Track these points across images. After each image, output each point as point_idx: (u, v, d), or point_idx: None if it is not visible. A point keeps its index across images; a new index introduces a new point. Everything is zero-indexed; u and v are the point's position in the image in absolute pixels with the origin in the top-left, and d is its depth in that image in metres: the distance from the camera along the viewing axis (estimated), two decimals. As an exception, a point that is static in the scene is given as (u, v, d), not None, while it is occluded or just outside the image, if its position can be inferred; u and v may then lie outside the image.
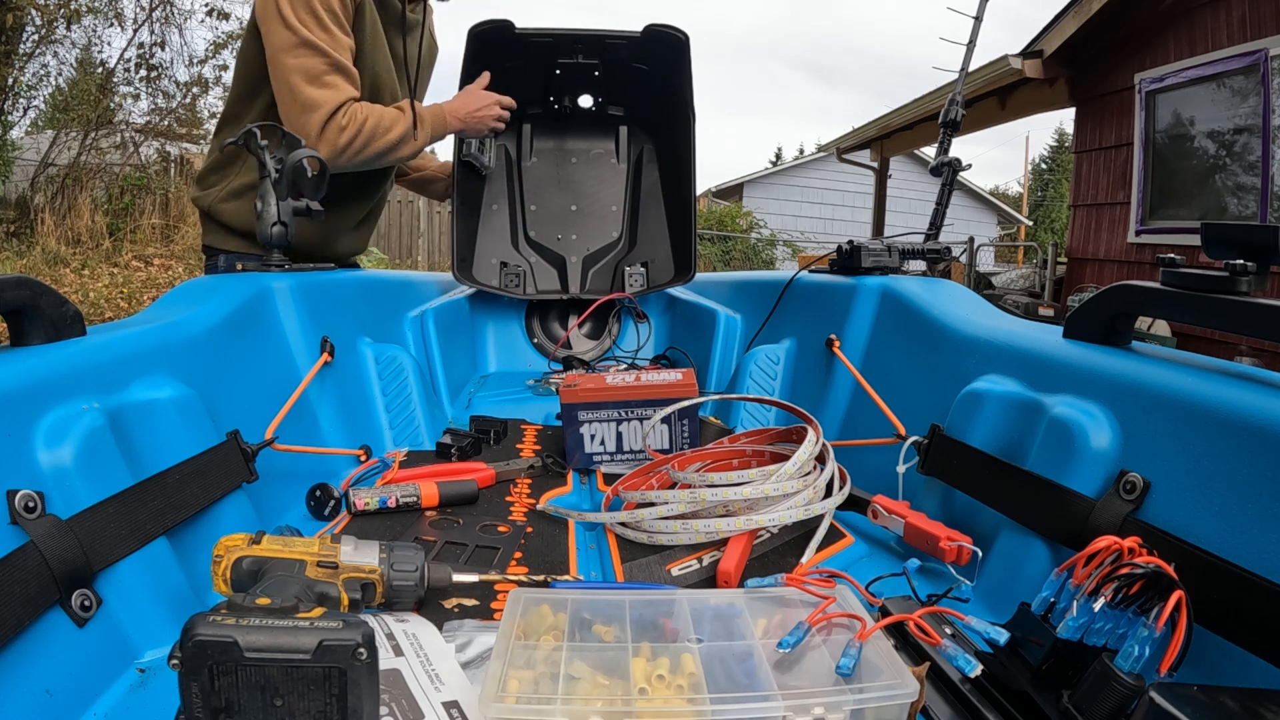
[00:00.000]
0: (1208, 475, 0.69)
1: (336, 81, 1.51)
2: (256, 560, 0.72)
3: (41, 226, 7.55)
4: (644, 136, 2.13)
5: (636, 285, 2.07)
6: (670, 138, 2.03)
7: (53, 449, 0.70)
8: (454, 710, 0.64)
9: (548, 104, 2.07)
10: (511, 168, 2.10)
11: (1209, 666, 0.63)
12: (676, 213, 2.08)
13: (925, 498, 1.04)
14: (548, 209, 2.12)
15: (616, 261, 2.12)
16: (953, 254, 1.83)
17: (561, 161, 2.13)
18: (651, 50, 1.88)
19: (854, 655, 0.63)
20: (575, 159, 2.13)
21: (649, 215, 2.12)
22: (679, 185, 2.04)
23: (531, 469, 1.28)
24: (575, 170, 2.12)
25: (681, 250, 2.04)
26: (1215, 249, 0.79)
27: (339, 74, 1.51)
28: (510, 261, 2.08)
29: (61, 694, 0.63)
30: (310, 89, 1.49)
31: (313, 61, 1.48)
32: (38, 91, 8.34)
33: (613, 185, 2.13)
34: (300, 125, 1.49)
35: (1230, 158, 4.99)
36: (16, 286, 0.77)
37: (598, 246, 2.12)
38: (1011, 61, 6.13)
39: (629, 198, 2.13)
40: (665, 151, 2.09)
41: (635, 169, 2.13)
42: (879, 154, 9.59)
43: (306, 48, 1.48)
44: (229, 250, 1.70)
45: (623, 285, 2.06)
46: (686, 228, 2.01)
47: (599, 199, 2.13)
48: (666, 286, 2.03)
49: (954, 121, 1.61)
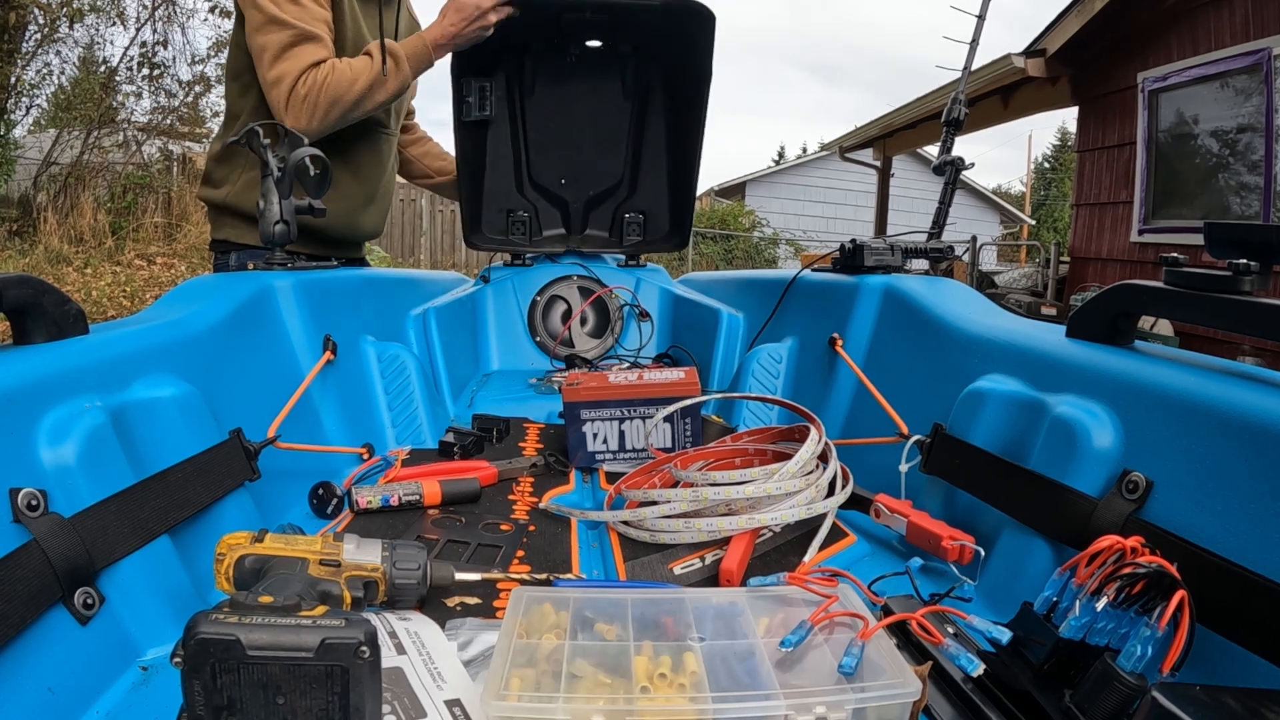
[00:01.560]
0: (1210, 475, 0.69)
1: (300, 51, 1.48)
2: (259, 558, 0.73)
3: (44, 225, 7.56)
4: (654, 78, 2.11)
5: (633, 235, 2.11)
6: (682, 98, 2.04)
7: (55, 447, 0.70)
8: (456, 708, 0.64)
9: (553, 44, 2.03)
10: (514, 108, 2.09)
11: (1211, 666, 0.62)
12: (678, 174, 2.11)
13: (927, 497, 1.04)
14: (550, 151, 2.13)
15: (616, 206, 2.17)
16: (955, 253, 1.83)
17: (565, 101, 2.11)
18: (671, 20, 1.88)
19: (856, 654, 0.63)
20: (579, 99, 2.10)
21: (650, 165, 2.15)
22: (684, 147, 2.07)
23: (534, 467, 1.28)
24: (578, 110, 2.11)
25: (679, 214, 2.09)
26: (1218, 248, 0.79)
27: (306, 43, 1.49)
28: (515, 209, 2.11)
29: (64, 692, 0.63)
30: (275, 65, 1.47)
31: (278, 36, 1.47)
32: (40, 90, 8.37)
33: (616, 127, 2.14)
34: (272, 104, 1.49)
35: (1233, 157, 4.98)
36: (19, 285, 0.77)
37: (599, 189, 2.16)
38: (1014, 60, 6.12)
39: (631, 140, 2.14)
40: (675, 105, 2.09)
41: (640, 111, 2.12)
42: (882, 153, 9.58)
43: (273, 24, 1.47)
44: (244, 244, 1.69)
45: (621, 232, 2.11)
46: (686, 192, 2.05)
47: (601, 141, 2.14)
48: (661, 247, 2.09)
49: (957, 120, 1.61)
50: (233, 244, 1.70)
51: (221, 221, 1.72)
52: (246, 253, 1.68)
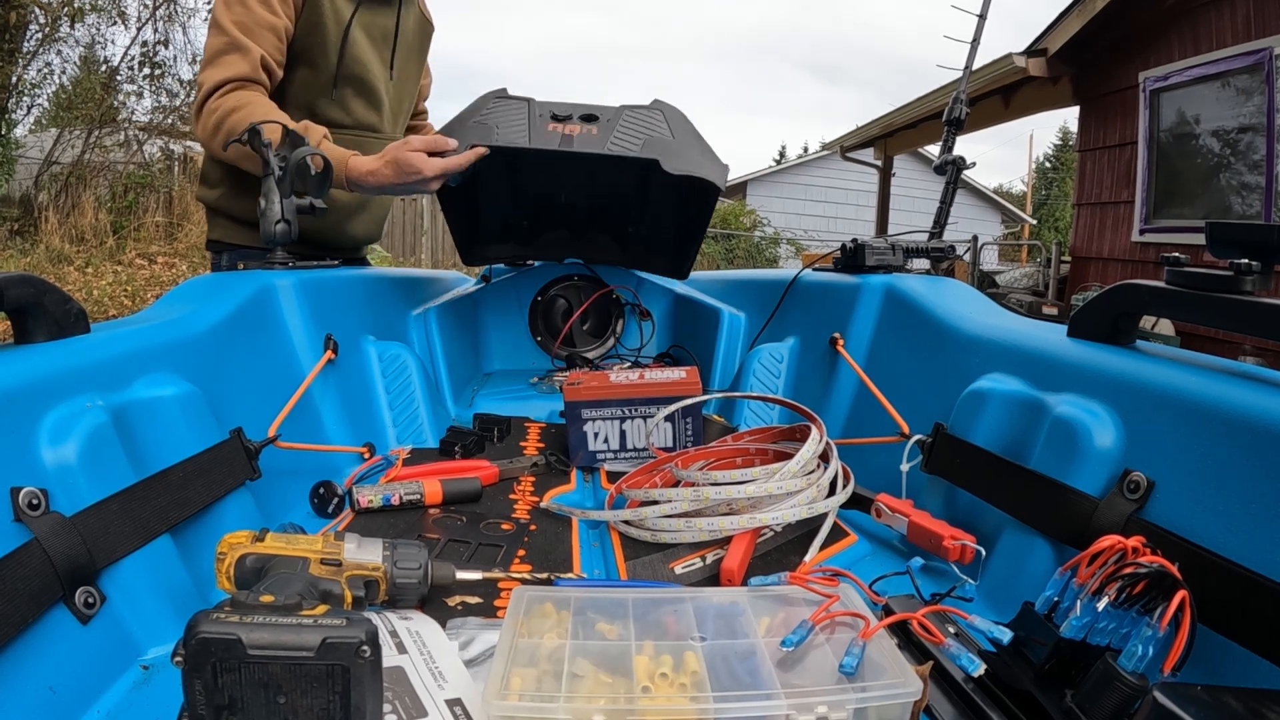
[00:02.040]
0: (1212, 475, 0.69)
1: (227, 60, 1.42)
2: (260, 558, 0.73)
3: (45, 224, 7.57)
4: None
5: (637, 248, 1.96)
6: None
7: (56, 446, 0.70)
8: (457, 708, 0.64)
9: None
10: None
11: (1212, 666, 0.62)
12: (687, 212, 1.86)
13: (929, 496, 1.04)
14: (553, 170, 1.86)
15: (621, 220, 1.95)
16: (956, 252, 1.83)
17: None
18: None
19: (857, 654, 0.63)
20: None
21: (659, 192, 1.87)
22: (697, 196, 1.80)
23: (535, 467, 1.28)
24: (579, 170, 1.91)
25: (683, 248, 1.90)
26: (1219, 248, 0.79)
27: (234, 53, 1.42)
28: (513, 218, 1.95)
29: (65, 691, 0.63)
30: (203, 69, 1.43)
31: (214, 41, 1.43)
32: (41, 90, 8.38)
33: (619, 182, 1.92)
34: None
35: (1235, 156, 4.97)
36: (20, 284, 0.77)
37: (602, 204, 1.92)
38: (1015, 60, 6.12)
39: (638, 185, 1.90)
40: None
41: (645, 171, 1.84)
42: (883, 152, 9.58)
43: (215, 28, 1.43)
44: (236, 244, 1.67)
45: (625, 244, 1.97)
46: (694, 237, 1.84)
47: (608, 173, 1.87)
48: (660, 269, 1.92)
49: (958, 120, 1.60)
50: (225, 244, 1.69)
51: (215, 221, 1.70)
52: (238, 253, 1.66)
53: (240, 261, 1.37)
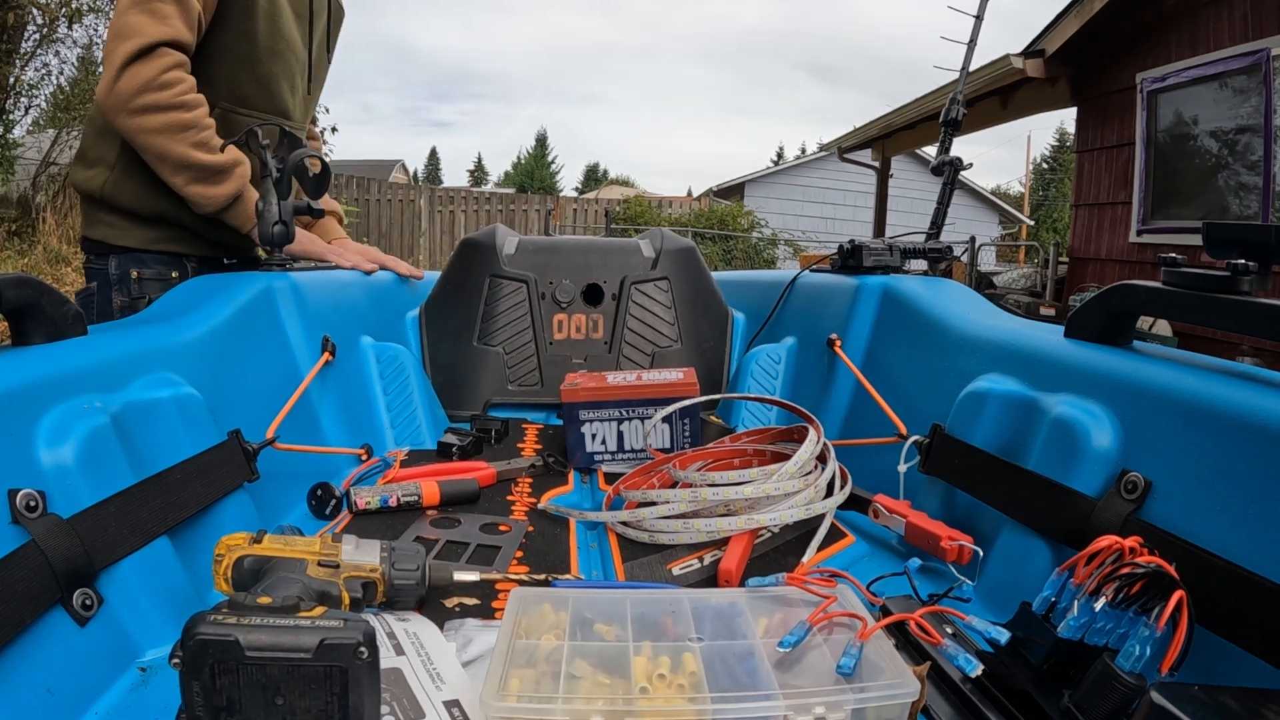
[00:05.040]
0: (1209, 475, 0.69)
1: (167, 11, 1.19)
2: (258, 559, 0.73)
3: (43, 225, 7.55)
4: None
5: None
6: None
7: (54, 448, 0.70)
8: (455, 709, 0.64)
9: None
10: None
11: (1209, 667, 0.63)
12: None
13: (926, 497, 1.04)
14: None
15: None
16: (954, 253, 1.83)
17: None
18: None
19: (855, 655, 0.63)
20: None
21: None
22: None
23: (533, 468, 1.28)
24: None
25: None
26: (1217, 248, 0.79)
27: (174, 4, 1.20)
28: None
29: (63, 693, 0.63)
30: (131, 14, 1.17)
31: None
32: (39, 90, 8.35)
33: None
34: (106, 55, 1.18)
35: (1232, 157, 4.98)
36: (18, 286, 0.77)
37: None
38: (1013, 61, 6.12)
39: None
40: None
41: None
42: (880, 153, 9.58)
43: None
44: (125, 247, 1.36)
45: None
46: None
47: None
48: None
49: (955, 121, 1.61)
50: (110, 246, 1.36)
51: (95, 216, 1.35)
52: (129, 257, 1.36)
53: (134, 270, 1.18)
